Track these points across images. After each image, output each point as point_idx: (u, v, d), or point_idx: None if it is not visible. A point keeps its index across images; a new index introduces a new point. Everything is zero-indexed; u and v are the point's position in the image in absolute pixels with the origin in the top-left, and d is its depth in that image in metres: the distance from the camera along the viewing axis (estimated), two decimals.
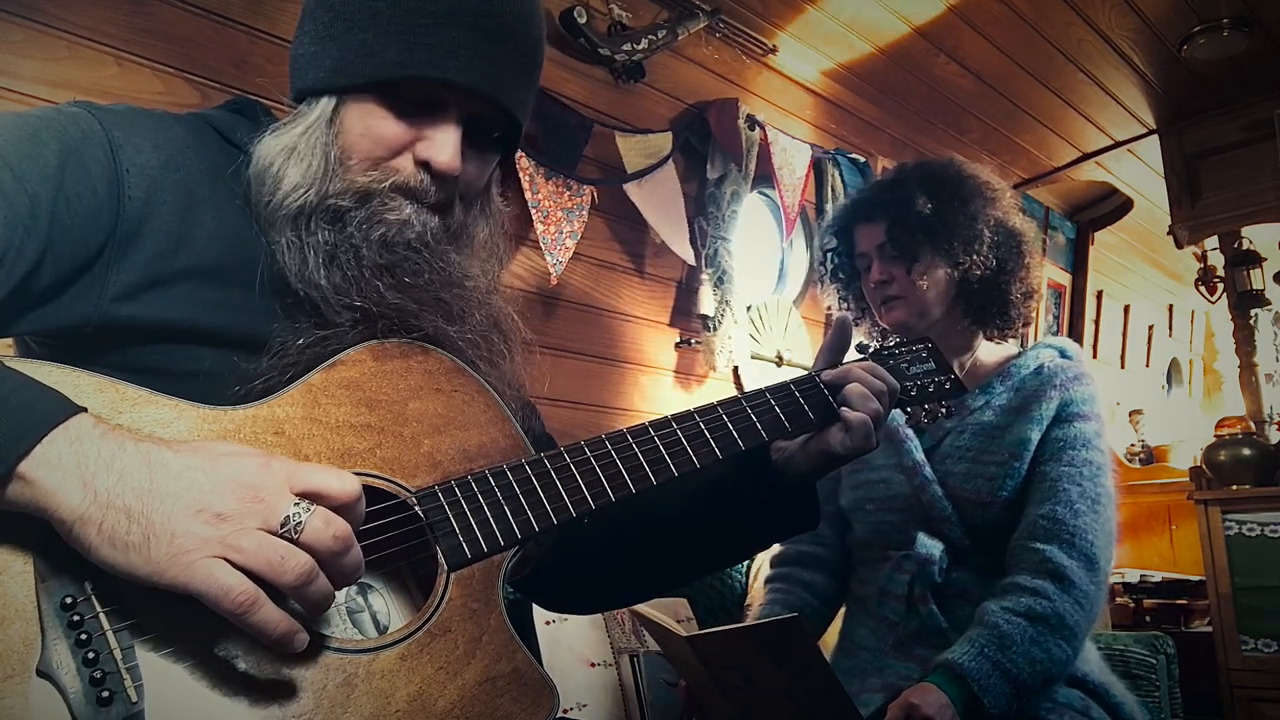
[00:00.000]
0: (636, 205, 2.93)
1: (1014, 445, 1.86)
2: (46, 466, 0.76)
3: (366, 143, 1.07)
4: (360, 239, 1.06)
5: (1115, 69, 3.64)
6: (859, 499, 2.02)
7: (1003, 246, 1.96)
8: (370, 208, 1.07)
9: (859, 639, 1.97)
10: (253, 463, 0.83)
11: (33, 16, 1.86)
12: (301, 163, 1.05)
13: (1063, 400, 1.88)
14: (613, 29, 2.84)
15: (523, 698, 0.94)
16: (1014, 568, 1.79)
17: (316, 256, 1.04)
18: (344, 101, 1.07)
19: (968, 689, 1.61)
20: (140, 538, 0.76)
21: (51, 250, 0.93)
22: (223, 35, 2.14)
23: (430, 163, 1.08)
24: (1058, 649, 1.67)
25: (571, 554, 1.28)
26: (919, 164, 2.07)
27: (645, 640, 2.38)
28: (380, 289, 1.06)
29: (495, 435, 1.06)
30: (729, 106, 3.20)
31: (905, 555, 1.89)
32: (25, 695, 0.75)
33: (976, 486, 1.86)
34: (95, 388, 0.86)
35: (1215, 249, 4.81)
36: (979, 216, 1.94)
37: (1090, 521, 1.78)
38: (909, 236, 1.93)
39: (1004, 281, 1.96)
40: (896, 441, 1.96)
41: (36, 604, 0.78)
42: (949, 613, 1.84)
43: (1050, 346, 2.01)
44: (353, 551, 0.83)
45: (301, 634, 0.81)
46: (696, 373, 3.27)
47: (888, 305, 1.98)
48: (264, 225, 1.07)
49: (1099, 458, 1.85)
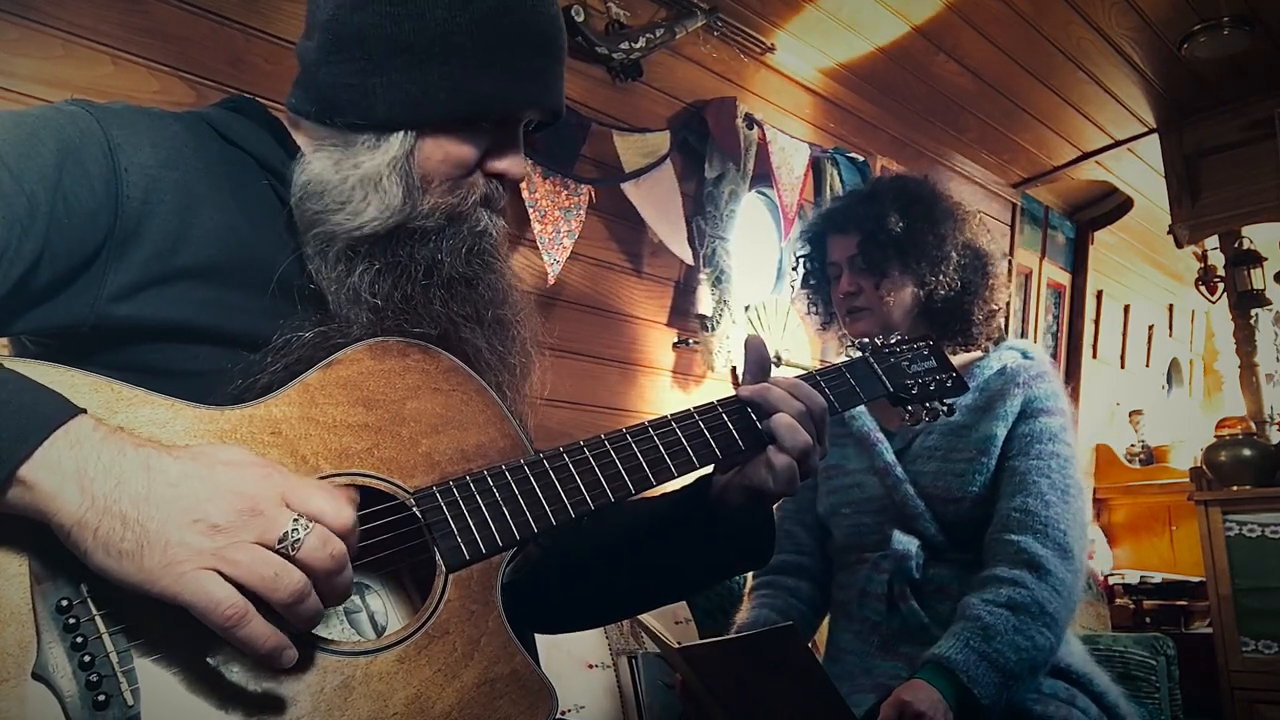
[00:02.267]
0: (634, 205, 2.92)
1: (980, 442, 1.92)
2: (47, 470, 0.76)
3: (447, 167, 1.11)
4: (447, 253, 1.10)
5: (1115, 68, 3.63)
6: (835, 504, 2.08)
7: (969, 268, 2.04)
8: (464, 224, 1.12)
9: (844, 644, 2.01)
10: (251, 473, 0.82)
11: (28, 15, 1.86)
12: (383, 196, 1.07)
13: (1026, 397, 1.94)
14: (610, 27, 2.84)
15: (521, 700, 0.94)
16: (991, 560, 1.83)
17: (384, 273, 1.07)
18: (423, 134, 1.09)
19: (957, 682, 1.64)
20: (134, 545, 0.76)
21: (49, 250, 0.92)
22: (219, 34, 2.14)
23: (506, 175, 1.14)
24: (1041, 636, 1.71)
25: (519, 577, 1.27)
26: (894, 179, 2.17)
27: (643, 642, 2.37)
28: (440, 299, 1.09)
29: (494, 435, 1.06)
30: (727, 105, 3.19)
31: (883, 555, 1.94)
32: (21, 698, 0.75)
33: (946, 483, 1.92)
34: (91, 387, 0.86)
35: (1215, 248, 4.81)
36: (948, 238, 2.03)
37: (1061, 512, 1.83)
38: (879, 252, 2.01)
39: (967, 301, 2.04)
40: (868, 445, 2.03)
41: (32, 607, 0.77)
42: (930, 609, 1.89)
43: (1012, 348, 2.08)
44: (345, 572, 0.83)
45: (290, 650, 0.80)
46: (694, 373, 3.27)
47: (853, 316, 2.06)
48: (314, 239, 1.08)
49: (1065, 450, 1.91)
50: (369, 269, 1.07)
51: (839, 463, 2.10)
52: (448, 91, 1.07)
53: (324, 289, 1.07)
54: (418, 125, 1.08)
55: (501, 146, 1.13)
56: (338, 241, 1.07)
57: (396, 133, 1.08)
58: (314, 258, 1.07)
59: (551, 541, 1.25)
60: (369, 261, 1.07)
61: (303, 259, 1.09)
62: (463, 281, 1.11)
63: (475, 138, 1.11)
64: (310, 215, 1.08)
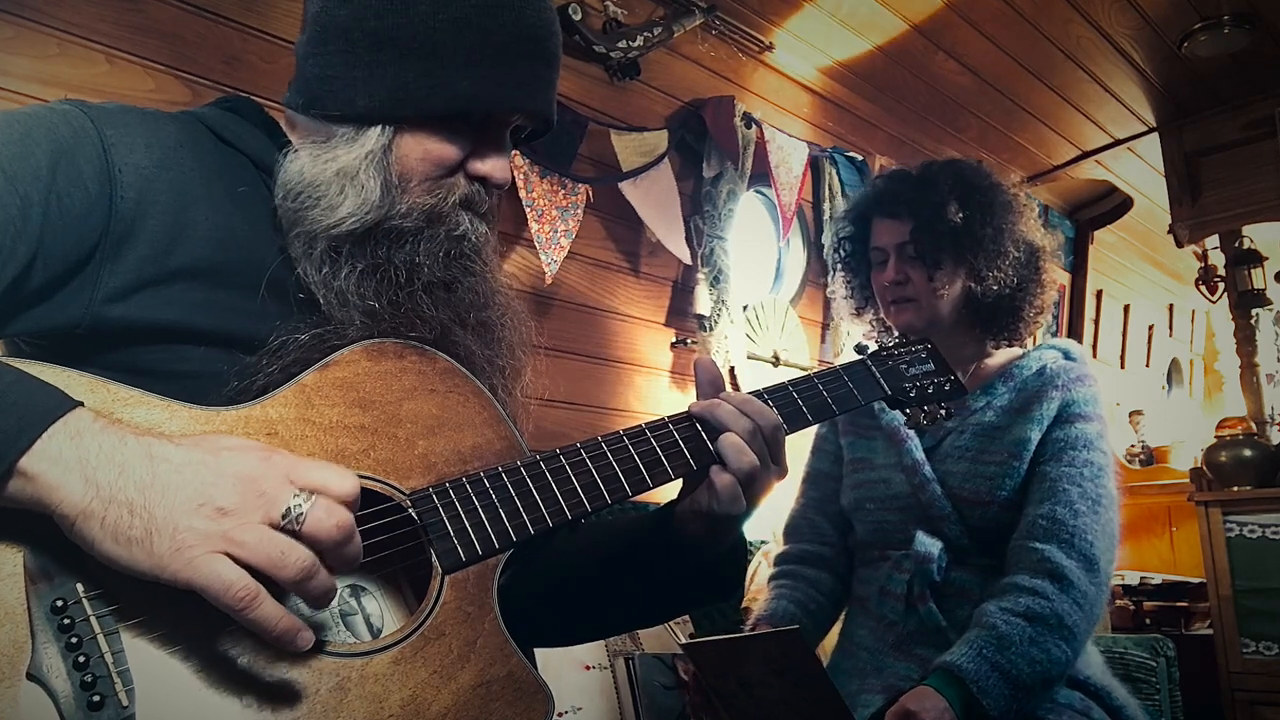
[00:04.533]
0: (632, 204, 2.92)
1: (1013, 445, 1.86)
2: (48, 461, 0.76)
3: (426, 166, 1.10)
4: (425, 256, 1.09)
5: (1115, 66, 3.63)
6: (859, 499, 2.01)
7: (1024, 264, 1.96)
8: (442, 226, 1.10)
9: (859, 639, 1.97)
10: (254, 456, 0.83)
11: (23, 13, 1.85)
12: (360, 191, 1.06)
13: (1064, 401, 1.87)
14: (608, 26, 2.84)
15: (517, 702, 0.94)
16: (1013, 568, 1.78)
17: (367, 275, 1.06)
18: (402, 129, 1.09)
19: (967, 691, 1.60)
20: (142, 532, 0.76)
21: (43, 251, 0.92)
22: (214, 32, 2.13)
23: (489, 178, 1.12)
24: (1057, 649, 1.66)
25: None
26: (949, 164, 2.03)
27: (641, 643, 2.37)
28: (428, 304, 1.08)
29: (490, 436, 1.06)
30: (725, 104, 3.19)
31: (905, 555, 1.89)
32: (15, 699, 0.75)
33: (976, 486, 1.86)
34: (86, 388, 0.85)
35: (1216, 248, 4.81)
36: (1006, 232, 1.93)
37: (1090, 522, 1.77)
38: (934, 242, 1.91)
39: (1020, 297, 1.96)
40: (897, 441, 1.96)
41: (26, 607, 0.77)
42: (949, 613, 1.84)
43: (1054, 348, 2.00)
44: (354, 541, 0.84)
45: (306, 632, 0.81)
46: (692, 373, 3.25)
47: (898, 305, 1.97)
48: (297, 239, 1.07)
49: (1100, 459, 1.85)
50: (353, 271, 1.06)
51: (866, 456, 2.03)
52: (428, 88, 1.06)
53: (314, 292, 1.07)
54: (396, 119, 1.08)
55: (484, 149, 1.12)
56: (319, 241, 1.06)
57: (375, 126, 1.07)
58: (300, 259, 1.07)
59: (522, 557, 1.22)
60: (352, 264, 1.06)
61: (292, 260, 1.08)
62: (441, 285, 1.10)
63: (457, 137, 1.10)
64: (291, 212, 1.07)
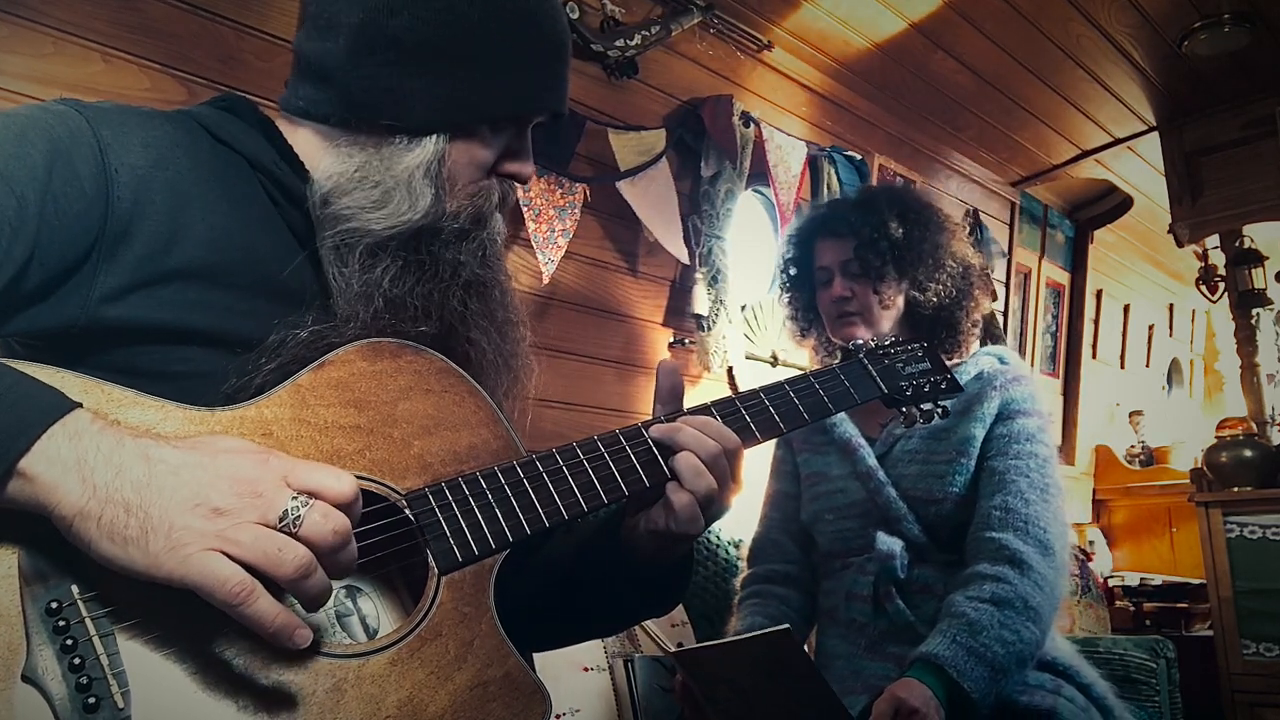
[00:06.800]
0: (630, 203, 2.91)
1: (960, 444, 1.96)
2: (46, 462, 0.76)
3: (471, 170, 1.14)
4: (467, 255, 1.13)
5: (1115, 65, 3.62)
6: (818, 510, 2.09)
7: (960, 278, 2.10)
8: (484, 228, 1.16)
9: (832, 649, 2.02)
10: (251, 459, 0.83)
11: (17, 12, 1.85)
12: (417, 197, 1.10)
13: (1004, 400, 1.98)
14: (605, 25, 2.83)
15: (514, 703, 0.94)
16: (973, 558, 1.86)
17: (408, 270, 1.09)
18: (455, 136, 1.12)
19: (947, 678, 1.66)
20: (138, 531, 0.77)
21: (39, 252, 0.92)
22: (210, 31, 2.12)
23: (518, 176, 1.18)
24: (1026, 630, 1.73)
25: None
26: (886, 188, 2.24)
27: (639, 644, 2.37)
28: (459, 298, 1.12)
29: (486, 436, 1.06)
30: (723, 103, 3.18)
31: (867, 558, 1.96)
32: (10, 701, 0.75)
33: (928, 485, 1.96)
34: (81, 389, 0.85)
35: (1216, 247, 4.80)
36: (944, 247, 2.08)
37: (1041, 510, 1.86)
38: (876, 257, 2.05)
39: (957, 311, 2.10)
40: (850, 451, 2.06)
41: (21, 609, 0.77)
42: (916, 609, 1.92)
43: (989, 354, 2.12)
44: (350, 546, 0.84)
45: (303, 629, 0.81)
46: (691, 373, 3.25)
47: (843, 320, 2.09)
48: (333, 238, 1.09)
49: (1043, 450, 1.95)
50: (393, 264, 1.09)
51: (821, 470, 2.12)
52: (479, 94, 1.10)
53: (334, 286, 1.08)
54: (451, 128, 1.11)
55: (515, 149, 1.17)
56: (365, 240, 1.08)
57: (430, 135, 1.10)
58: (331, 255, 1.08)
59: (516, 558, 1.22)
60: (393, 258, 1.09)
61: (301, 259, 1.09)
62: (479, 284, 1.15)
63: (495, 140, 1.14)
64: (334, 214, 1.09)
